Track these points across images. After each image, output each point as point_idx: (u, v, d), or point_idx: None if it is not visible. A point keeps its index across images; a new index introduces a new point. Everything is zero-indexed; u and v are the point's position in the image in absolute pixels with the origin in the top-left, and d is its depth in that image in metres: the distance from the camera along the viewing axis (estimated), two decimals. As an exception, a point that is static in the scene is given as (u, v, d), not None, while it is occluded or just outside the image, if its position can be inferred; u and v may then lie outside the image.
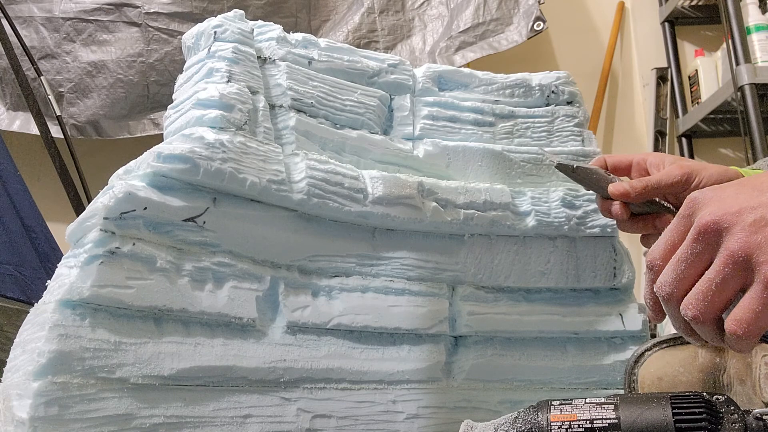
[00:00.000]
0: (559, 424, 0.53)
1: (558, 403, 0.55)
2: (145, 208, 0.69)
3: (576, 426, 0.53)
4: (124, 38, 1.91)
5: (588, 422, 0.53)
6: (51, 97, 1.64)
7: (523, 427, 0.55)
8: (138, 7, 1.92)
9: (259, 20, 0.90)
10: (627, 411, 0.52)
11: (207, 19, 0.85)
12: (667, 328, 1.73)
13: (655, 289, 0.54)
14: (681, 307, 0.52)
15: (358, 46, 1.14)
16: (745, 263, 0.48)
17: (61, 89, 1.88)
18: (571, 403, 0.54)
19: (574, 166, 0.78)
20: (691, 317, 0.51)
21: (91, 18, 1.92)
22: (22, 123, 1.88)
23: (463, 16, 1.98)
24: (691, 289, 0.51)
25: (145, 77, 1.90)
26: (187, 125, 0.78)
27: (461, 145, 0.92)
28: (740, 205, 0.49)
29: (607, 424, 0.52)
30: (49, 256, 1.34)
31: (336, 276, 0.82)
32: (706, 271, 0.50)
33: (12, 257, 1.27)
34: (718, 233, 0.49)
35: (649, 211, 0.75)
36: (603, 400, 0.54)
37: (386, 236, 0.85)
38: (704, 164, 0.79)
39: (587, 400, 0.54)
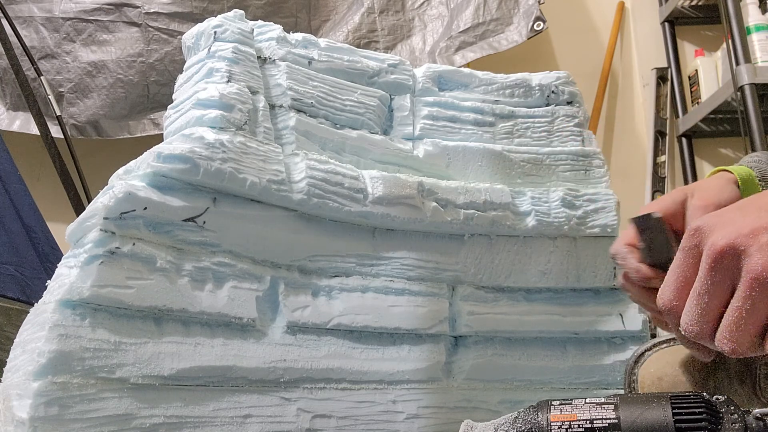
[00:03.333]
0: (559, 424, 0.53)
1: (558, 403, 0.55)
2: (145, 208, 0.69)
3: (576, 426, 0.53)
4: (124, 38, 1.91)
5: (588, 422, 0.53)
6: (51, 97, 1.64)
7: (523, 427, 0.55)
8: (138, 7, 1.92)
9: (259, 20, 0.90)
10: (627, 411, 0.52)
11: (207, 19, 0.85)
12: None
13: (682, 332, 0.51)
14: (716, 343, 0.48)
15: (358, 46, 1.14)
16: None
17: (61, 89, 1.88)
18: (571, 403, 0.54)
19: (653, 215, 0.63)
20: (729, 351, 0.48)
21: (91, 18, 1.92)
22: (22, 123, 1.88)
23: (463, 16, 1.98)
24: (719, 320, 0.48)
25: (145, 77, 1.90)
26: (187, 125, 0.77)
27: (461, 145, 0.92)
28: (752, 226, 0.47)
29: (607, 424, 0.52)
30: (49, 256, 1.34)
31: (336, 276, 0.81)
32: (732, 300, 0.47)
33: (12, 257, 1.27)
34: (735, 257, 0.47)
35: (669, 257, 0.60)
36: (603, 400, 0.54)
37: (386, 236, 0.85)
38: (700, 182, 0.72)
39: (587, 400, 0.54)
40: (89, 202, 0.70)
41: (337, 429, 0.76)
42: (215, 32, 0.83)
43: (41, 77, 1.66)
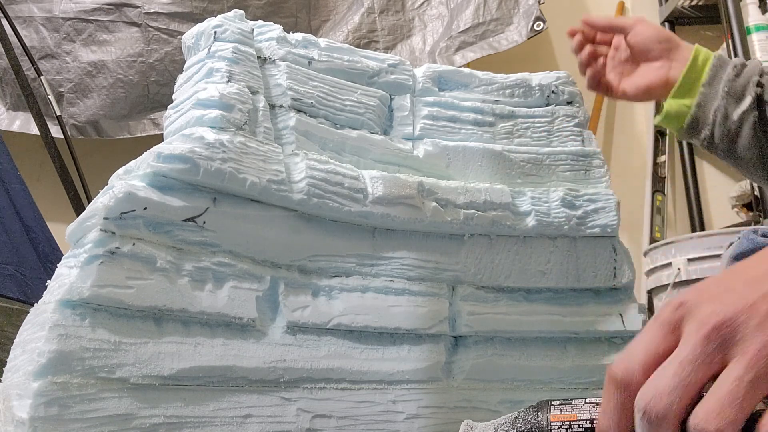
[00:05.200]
0: (559, 424, 0.53)
1: (558, 403, 0.54)
2: (145, 208, 0.69)
3: (576, 426, 0.52)
4: (124, 38, 1.91)
5: (588, 422, 0.52)
6: (51, 97, 1.64)
7: (523, 427, 0.55)
8: (138, 7, 1.92)
9: (259, 20, 0.90)
10: None
11: (207, 19, 0.85)
12: None
13: (640, 405, 0.43)
14: (694, 422, 0.41)
15: (358, 46, 1.14)
16: None
17: (61, 89, 1.88)
18: (571, 403, 0.54)
19: None
20: (714, 430, 0.41)
21: (91, 18, 1.92)
22: (22, 123, 1.88)
23: (463, 16, 1.98)
24: (694, 398, 0.42)
25: (145, 77, 1.90)
26: (187, 125, 0.78)
27: (461, 145, 0.92)
28: (747, 299, 0.43)
29: None
30: (49, 256, 1.34)
31: (336, 276, 0.82)
32: (730, 370, 0.42)
33: (12, 257, 1.27)
34: (733, 329, 0.42)
35: None
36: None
37: (386, 236, 0.85)
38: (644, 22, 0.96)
39: (587, 400, 0.54)
40: (89, 202, 0.70)
41: (337, 429, 0.76)
42: (215, 32, 0.83)
43: (41, 77, 1.66)
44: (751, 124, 0.84)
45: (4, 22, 1.57)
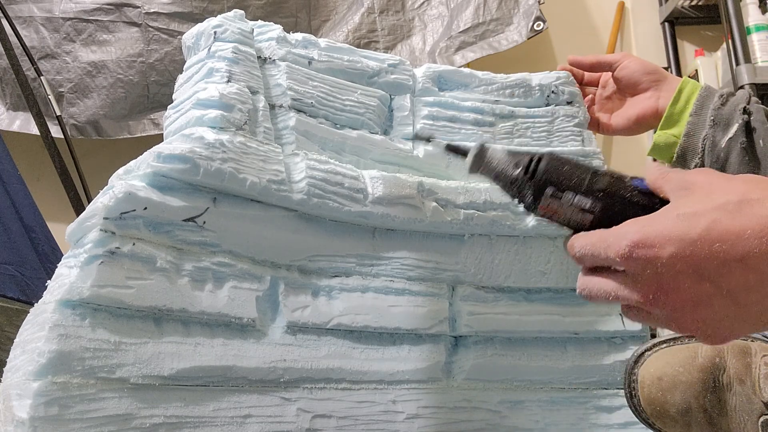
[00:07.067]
0: (543, 212, 0.58)
1: (552, 192, 0.57)
2: (145, 208, 0.69)
3: (555, 217, 0.58)
4: (124, 38, 1.91)
5: (566, 220, 0.58)
6: (51, 97, 1.64)
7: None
8: (138, 7, 1.92)
9: (259, 20, 0.90)
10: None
11: (207, 19, 0.85)
12: (667, 329, 1.73)
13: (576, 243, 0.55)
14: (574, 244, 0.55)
15: (358, 46, 1.14)
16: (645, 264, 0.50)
17: (61, 89, 1.88)
18: (560, 198, 0.57)
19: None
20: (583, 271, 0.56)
21: (91, 18, 1.92)
22: (22, 123, 1.88)
23: (463, 16, 1.98)
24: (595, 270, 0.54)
25: (145, 77, 1.90)
26: (187, 125, 0.78)
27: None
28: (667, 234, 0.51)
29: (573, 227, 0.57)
30: (49, 256, 1.34)
31: (336, 276, 0.82)
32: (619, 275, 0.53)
33: (12, 257, 1.27)
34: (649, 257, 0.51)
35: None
36: (588, 206, 0.56)
37: (386, 236, 0.85)
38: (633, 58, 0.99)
39: (575, 201, 0.56)
40: (89, 202, 0.70)
41: (337, 429, 0.76)
42: (215, 32, 0.83)
43: (41, 77, 1.66)
44: (738, 151, 0.86)
45: (4, 22, 1.57)
